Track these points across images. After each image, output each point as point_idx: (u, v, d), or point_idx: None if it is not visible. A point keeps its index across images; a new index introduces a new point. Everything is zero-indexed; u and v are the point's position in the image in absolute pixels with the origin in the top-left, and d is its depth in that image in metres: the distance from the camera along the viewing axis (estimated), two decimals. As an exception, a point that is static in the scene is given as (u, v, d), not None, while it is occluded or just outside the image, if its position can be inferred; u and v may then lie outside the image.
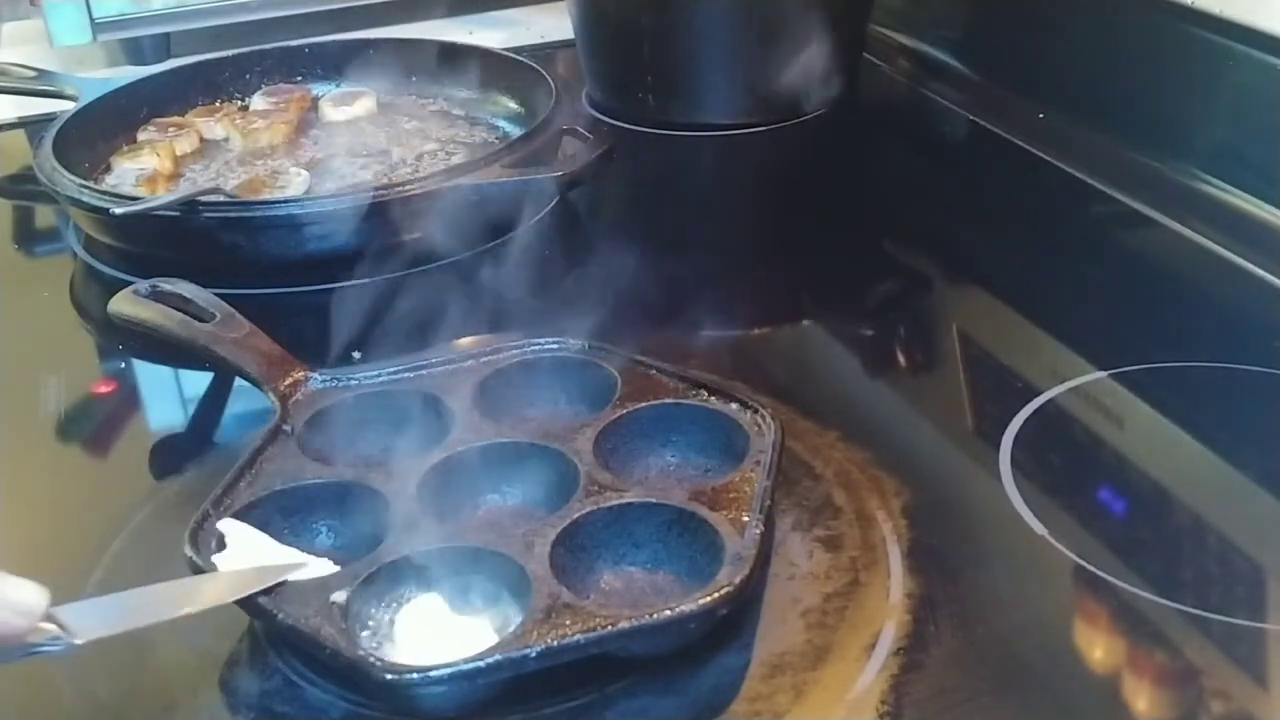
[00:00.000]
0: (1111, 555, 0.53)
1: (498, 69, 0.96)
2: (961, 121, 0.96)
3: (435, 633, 0.48)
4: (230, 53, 1.01)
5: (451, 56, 0.98)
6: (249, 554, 0.50)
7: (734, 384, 0.59)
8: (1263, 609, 0.51)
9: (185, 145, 0.90)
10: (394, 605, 0.49)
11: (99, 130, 0.89)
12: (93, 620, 0.44)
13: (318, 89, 0.99)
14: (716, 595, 0.46)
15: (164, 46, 1.15)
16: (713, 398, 0.58)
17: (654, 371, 0.60)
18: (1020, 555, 0.54)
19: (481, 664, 0.44)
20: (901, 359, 0.72)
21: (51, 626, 0.43)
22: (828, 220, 0.86)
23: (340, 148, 0.90)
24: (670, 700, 0.47)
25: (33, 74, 0.98)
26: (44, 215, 0.91)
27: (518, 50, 1.01)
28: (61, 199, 0.79)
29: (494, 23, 1.22)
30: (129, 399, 0.70)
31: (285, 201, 0.77)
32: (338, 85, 0.99)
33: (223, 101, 0.97)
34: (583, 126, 0.84)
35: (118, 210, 0.74)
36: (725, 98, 0.97)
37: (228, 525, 0.51)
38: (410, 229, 0.76)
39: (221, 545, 0.50)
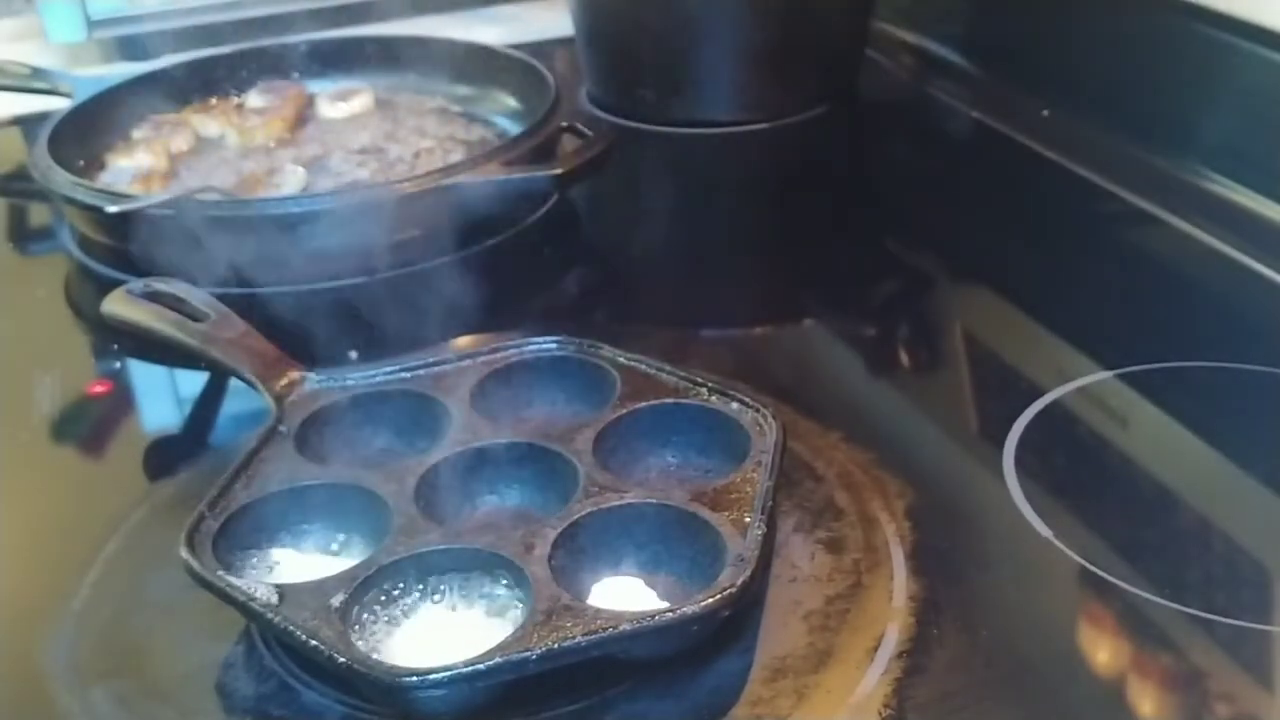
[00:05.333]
0: (1116, 557, 0.53)
1: (496, 66, 0.95)
2: (965, 119, 0.96)
3: (434, 635, 0.48)
4: (226, 50, 1.00)
5: (449, 53, 0.98)
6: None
7: (735, 384, 0.58)
8: (1269, 612, 0.51)
9: (181, 143, 0.90)
10: (392, 608, 0.49)
11: (94, 128, 0.89)
12: None
13: (314, 86, 0.98)
14: (719, 596, 0.46)
15: (159, 43, 1.14)
16: (714, 398, 0.57)
17: (654, 371, 0.59)
18: (1024, 557, 0.54)
19: (481, 666, 0.44)
20: (905, 359, 0.71)
21: None
22: (830, 218, 0.86)
23: (337, 145, 0.89)
24: (671, 703, 0.47)
25: (27, 71, 0.98)
26: (38, 213, 0.91)
27: (517, 47, 1.00)
28: (56, 197, 0.79)
29: (492, 19, 1.21)
30: (124, 399, 0.69)
31: (281, 199, 0.77)
32: (334, 82, 0.99)
33: (218, 99, 0.97)
34: (582, 123, 0.83)
35: (112, 208, 0.74)
36: (726, 94, 0.97)
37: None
38: (408, 227, 0.76)
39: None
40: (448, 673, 0.43)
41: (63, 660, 0.50)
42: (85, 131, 0.87)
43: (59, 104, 0.91)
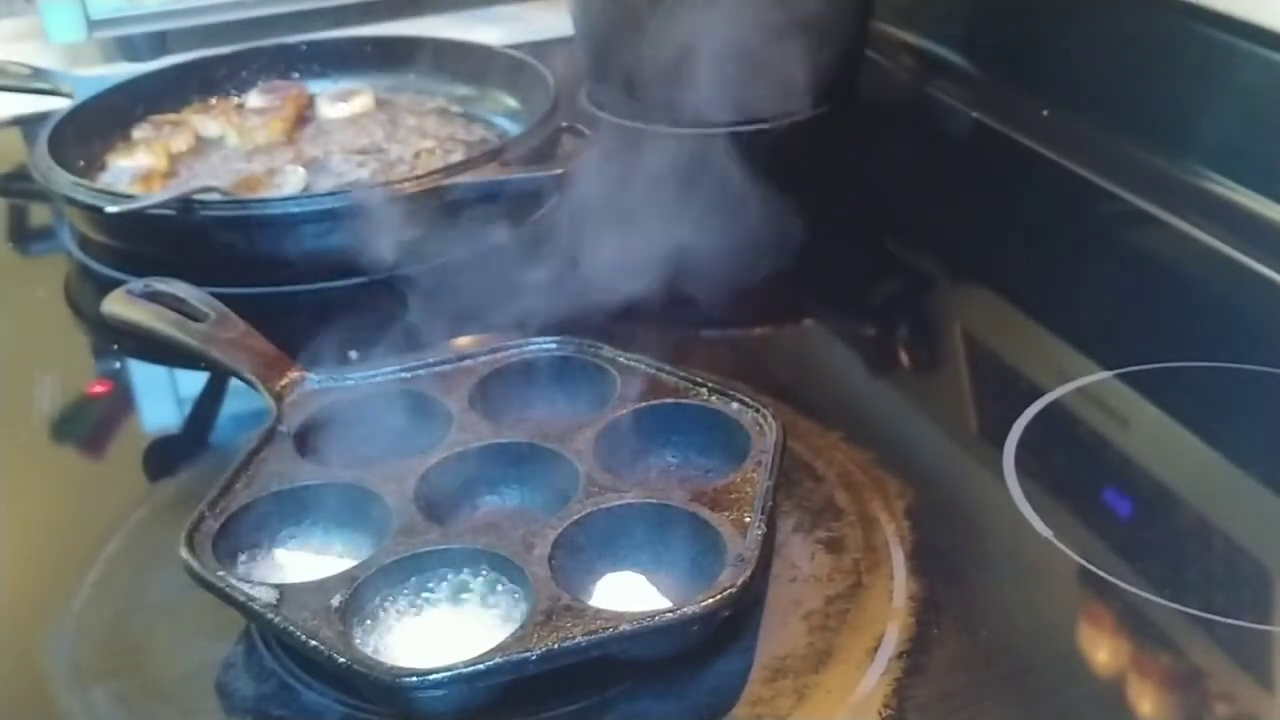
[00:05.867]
0: (1116, 557, 0.53)
1: (496, 66, 0.95)
2: (965, 119, 0.96)
3: (434, 635, 0.48)
4: (226, 50, 1.00)
5: (449, 53, 0.98)
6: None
7: (735, 384, 0.58)
8: (1269, 611, 0.51)
9: (181, 143, 0.90)
10: (392, 607, 0.49)
11: (94, 128, 0.89)
12: None
13: (314, 86, 0.98)
14: (720, 596, 0.46)
15: (159, 43, 1.14)
16: (713, 398, 0.57)
17: (654, 371, 0.59)
18: (1024, 557, 0.54)
19: (481, 666, 0.44)
20: (905, 359, 0.71)
21: None
22: (830, 218, 0.86)
23: (337, 145, 0.89)
24: (671, 703, 0.47)
25: (28, 71, 0.98)
26: (39, 213, 0.91)
27: (517, 47, 1.00)
28: (56, 197, 0.79)
29: (493, 19, 1.21)
30: (124, 399, 0.69)
31: (282, 200, 0.77)
32: (335, 82, 0.99)
33: (219, 99, 0.97)
34: (582, 123, 0.83)
35: (112, 208, 0.74)
36: (726, 94, 0.97)
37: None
38: (408, 227, 0.75)
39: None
40: (448, 673, 0.43)
41: (63, 660, 0.50)
42: (85, 132, 0.87)
43: (59, 104, 0.91)
